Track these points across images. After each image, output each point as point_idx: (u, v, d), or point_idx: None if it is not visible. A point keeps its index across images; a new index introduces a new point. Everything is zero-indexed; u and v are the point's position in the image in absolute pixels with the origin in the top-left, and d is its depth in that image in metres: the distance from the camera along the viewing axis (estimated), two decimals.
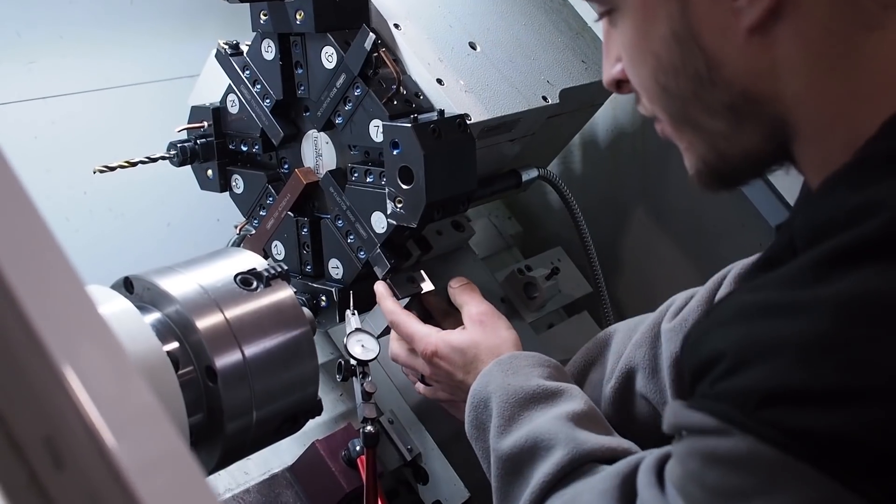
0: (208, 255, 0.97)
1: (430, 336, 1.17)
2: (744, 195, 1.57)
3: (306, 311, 1.00)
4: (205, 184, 1.37)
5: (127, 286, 0.92)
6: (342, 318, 1.25)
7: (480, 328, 1.17)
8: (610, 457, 0.95)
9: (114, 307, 0.84)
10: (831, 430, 0.59)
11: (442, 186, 1.10)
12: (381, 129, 1.13)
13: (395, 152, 1.10)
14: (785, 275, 0.67)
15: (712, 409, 0.65)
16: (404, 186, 1.10)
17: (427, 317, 1.30)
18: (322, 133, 1.24)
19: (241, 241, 1.48)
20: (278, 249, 1.32)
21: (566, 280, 1.61)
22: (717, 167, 0.82)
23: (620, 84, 0.87)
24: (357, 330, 1.17)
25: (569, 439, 0.97)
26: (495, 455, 1.02)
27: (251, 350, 0.91)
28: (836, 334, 0.61)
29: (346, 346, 1.14)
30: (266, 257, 1.35)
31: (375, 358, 1.15)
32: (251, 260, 0.96)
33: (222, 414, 0.89)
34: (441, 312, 1.28)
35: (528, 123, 1.29)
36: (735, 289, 0.80)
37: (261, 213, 1.33)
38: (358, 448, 1.22)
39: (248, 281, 0.93)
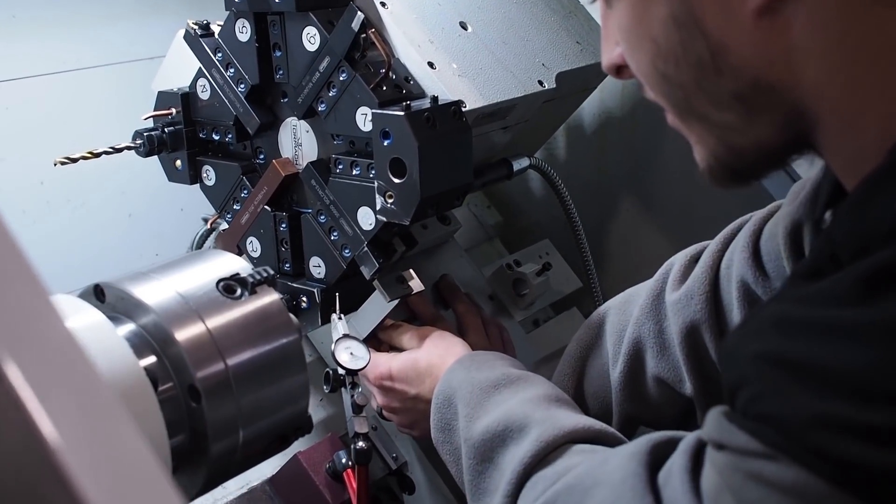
0: (186, 259, 0.89)
1: (380, 359, 1.15)
2: None
3: (291, 316, 0.92)
4: (173, 175, 1.29)
5: (98, 294, 0.84)
6: (325, 321, 1.18)
7: (428, 341, 1.15)
8: (591, 437, 0.91)
9: (84, 319, 0.76)
10: (883, 466, 0.56)
11: (437, 180, 1.03)
12: (369, 118, 1.05)
13: (385, 143, 1.02)
14: (827, 290, 0.61)
15: (757, 431, 0.61)
16: (396, 180, 1.03)
17: (412, 320, 1.23)
18: (302, 121, 1.16)
19: (207, 236, 1.40)
20: (254, 246, 1.24)
21: (556, 275, 1.54)
22: (729, 162, 0.76)
23: (620, 69, 0.81)
24: (345, 336, 1.09)
25: (545, 418, 0.93)
26: (466, 446, 0.97)
27: (236, 363, 0.83)
28: (886, 364, 0.57)
29: (333, 354, 1.06)
30: (240, 254, 1.27)
31: (366, 366, 1.07)
32: (234, 264, 0.88)
33: (206, 435, 0.81)
34: (430, 316, 1.21)
35: (523, 109, 1.22)
36: (775, 296, 0.74)
37: (234, 207, 1.24)
38: (344, 461, 1.15)
39: (231, 288, 0.85)
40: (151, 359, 0.80)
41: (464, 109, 1.07)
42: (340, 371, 1.06)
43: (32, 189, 1.50)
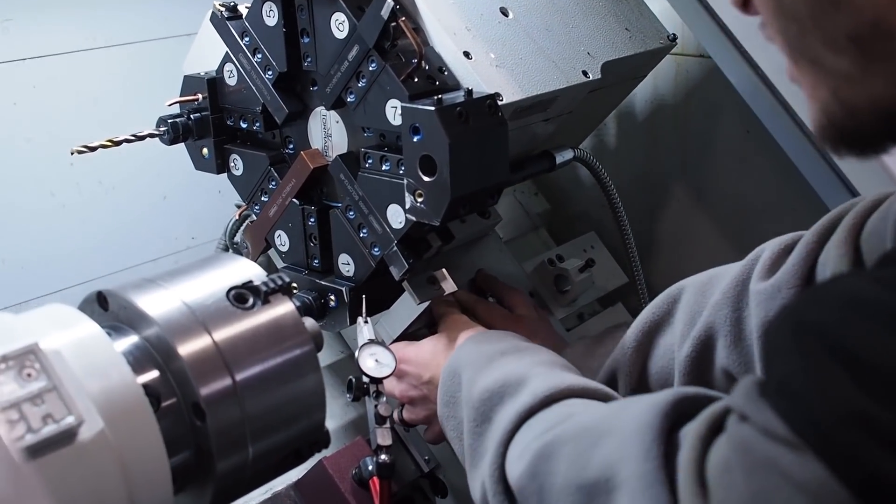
0: (198, 264, 0.85)
1: (396, 346, 1.12)
2: (795, 170, 1.44)
3: (310, 322, 0.87)
4: (200, 164, 1.25)
5: (101, 302, 0.80)
6: (353, 321, 1.13)
7: (447, 325, 1.12)
8: (591, 395, 0.87)
9: (77, 333, 0.72)
10: None
11: (469, 179, 0.97)
12: (399, 111, 1.00)
13: (415, 139, 0.97)
14: None
15: (788, 414, 0.55)
16: (426, 178, 0.97)
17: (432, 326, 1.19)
18: (332, 111, 1.11)
19: (240, 226, 1.36)
20: (282, 240, 1.19)
21: (600, 270, 1.48)
22: (841, 121, 0.67)
23: (747, 3, 0.73)
24: (370, 342, 1.04)
25: (545, 376, 0.89)
26: (467, 410, 0.94)
27: (245, 378, 0.78)
28: None
29: (356, 361, 1.02)
30: (268, 248, 1.22)
31: (391, 374, 1.02)
32: (247, 271, 0.83)
33: (212, 453, 0.77)
34: (440, 315, 1.16)
35: (566, 101, 1.15)
36: (857, 271, 0.66)
37: (263, 198, 1.20)
38: (370, 468, 1.10)
39: (242, 297, 0.80)
40: (153, 373, 0.76)
41: (500, 103, 1.01)
42: (364, 379, 1.01)
43: (61, 170, 1.48)
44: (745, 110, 1.48)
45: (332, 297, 1.14)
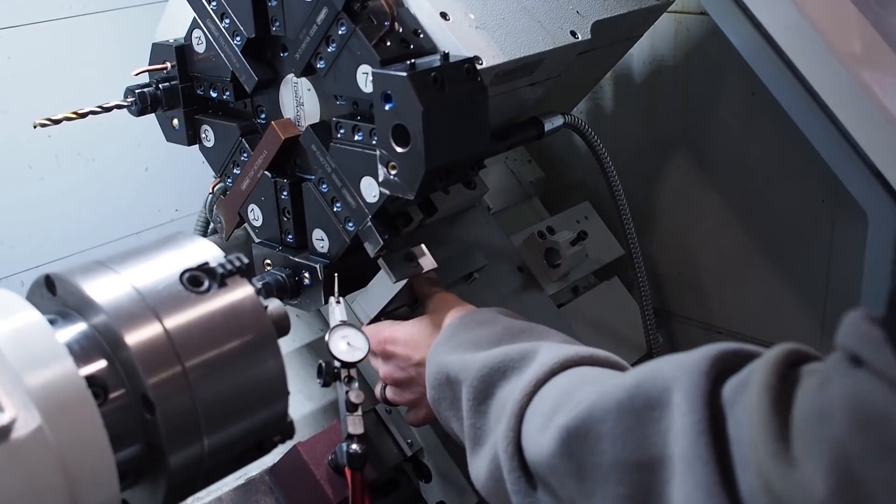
0: (153, 245, 0.80)
1: (382, 326, 1.08)
2: (802, 136, 1.39)
3: (274, 304, 0.82)
4: (171, 135, 1.20)
5: (49, 286, 0.75)
6: (328, 299, 1.09)
7: (435, 304, 1.08)
8: (600, 363, 0.85)
9: (16, 321, 0.67)
10: None
11: (445, 149, 0.92)
12: (370, 78, 0.94)
13: (387, 107, 0.92)
14: None
15: None
16: (399, 149, 0.92)
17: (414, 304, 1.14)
18: (303, 79, 1.05)
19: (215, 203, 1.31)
20: (255, 214, 1.15)
21: (594, 242, 1.43)
22: None
23: None
24: (342, 323, 1.00)
25: (551, 347, 0.86)
26: (465, 388, 0.90)
27: (197, 368, 0.73)
28: None
29: (327, 344, 0.97)
30: (242, 222, 1.18)
31: (364, 358, 0.98)
32: (204, 252, 0.78)
33: (163, 447, 0.73)
34: (422, 295, 1.11)
35: (553, 64, 1.10)
36: None
37: (235, 171, 1.15)
38: (345, 445, 1.06)
39: (197, 280, 0.75)
40: (100, 364, 0.72)
41: (479, 67, 0.96)
42: (335, 363, 0.97)
43: (39, 143, 1.44)
44: (750, 71, 1.42)
45: (307, 275, 1.09)
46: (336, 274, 1.05)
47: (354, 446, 0.94)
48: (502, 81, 1.04)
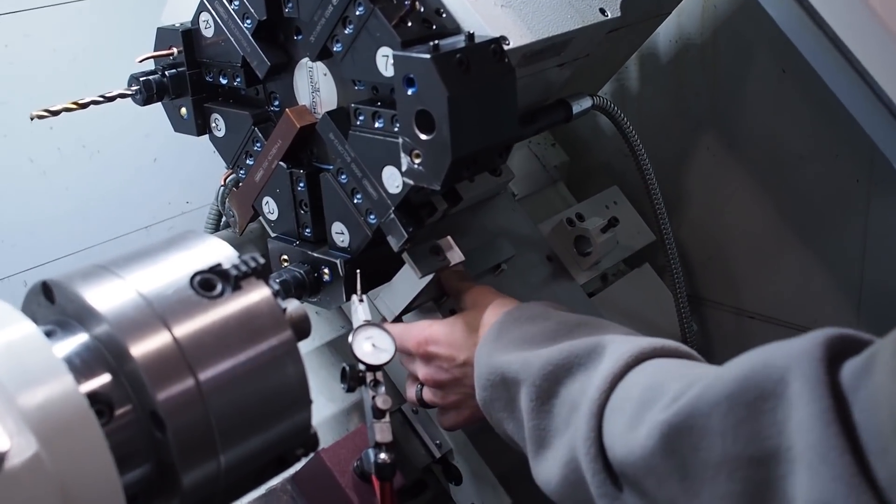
0: (160, 246, 0.74)
1: (418, 326, 1.02)
2: (840, 112, 1.32)
3: (293, 305, 0.76)
4: (179, 125, 1.15)
5: (47, 294, 0.69)
6: (350, 296, 1.03)
7: (479, 300, 1.03)
8: (672, 354, 0.82)
9: (8, 335, 0.61)
10: None
11: (473, 136, 0.86)
12: (390, 61, 0.88)
13: (409, 92, 0.86)
14: None
15: None
16: (423, 137, 0.86)
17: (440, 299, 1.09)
18: (318, 63, 1.00)
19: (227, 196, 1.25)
20: (270, 207, 1.09)
21: (624, 228, 1.38)
22: None
23: None
24: (366, 323, 0.94)
25: (619, 340, 0.83)
26: (525, 388, 0.86)
27: (210, 379, 0.68)
28: None
29: (350, 346, 0.91)
30: (256, 216, 1.12)
31: (391, 360, 0.92)
32: (216, 253, 0.72)
33: (175, 466, 0.67)
34: (454, 290, 1.05)
35: (582, 43, 1.04)
36: None
37: (248, 161, 1.09)
38: (373, 454, 1.00)
39: (209, 283, 0.70)
40: (105, 378, 0.66)
41: (506, 48, 0.90)
42: (360, 366, 0.91)
43: (41, 135, 1.39)
44: (780, 48, 1.36)
45: (326, 271, 1.03)
46: (358, 271, 0.99)
47: (383, 455, 0.88)
48: (529, 63, 0.98)
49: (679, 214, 1.56)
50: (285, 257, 1.08)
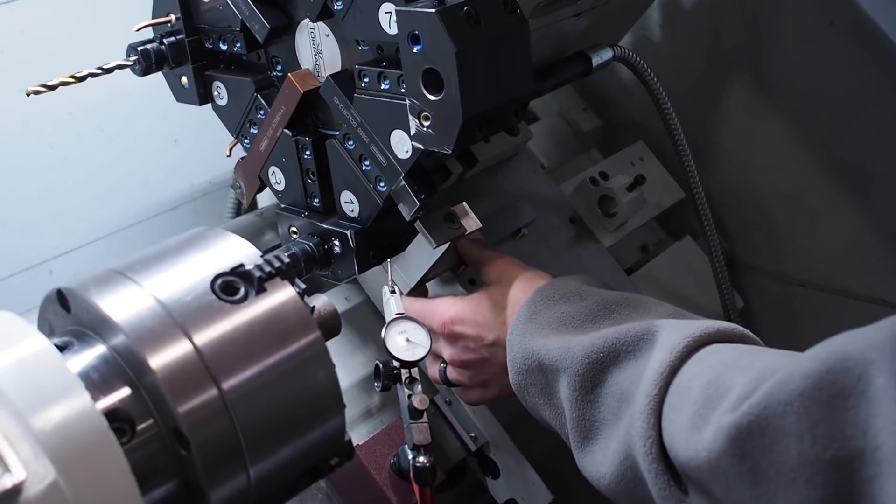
0: (177, 246, 0.70)
1: (442, 304, 0.98)
2: (891, 68, 1.25)
3: (321, 301, 0.73)
4: (180, 95, 1.11)
5: (62, 302, 0.66)
6: (362, 268, 1.00)
7: (505, 273, 0.98)
8: (727, 338, 0.78)
9: (19, 352, 0.58)
10: None
11: (484, 94, 0.82)
12: (394, 17, 0.84)
13: (415, 49, 0.82)
14: None
15: None
16: (431, 97, 0.82)
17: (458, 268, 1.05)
18: (319, 23, 0.96)
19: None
20: (277, 177, 1.06)
21: (652, 185, 1.33)
22: None
23: None
24: (399, 317, 0.90)
25: (670, 326, 0.79)
26: (566, 377, 0.83)
27: (236, 389, 0.64)
28: None
29: (383, 342, 0.88)
30: (263, 187, 1.09)
31: (426, 356, 0.89)
32: (237, 252, 0.68)
33: (201, 484, 0.64)
34: (475, 261, 1.01)
35: None
36: None
37: (252, 130, 1.06)
38: (411, 456, 0.97)
39: (231, 287, 0.66)
40: (123, 392, 0.63)
41: None
42: (394, 363, 0.88)
43: (59, 121, 1.39)
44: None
45: (337, 242, 1.00)
46: (389, 261, 0.96)
47: (422, 459, 0.85)
48: (543, 13, 0.94)
49: (717, 175, 1.50)
50: (294, 229, 1.05)
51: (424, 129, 0.84)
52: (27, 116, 1.34)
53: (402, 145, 0.90)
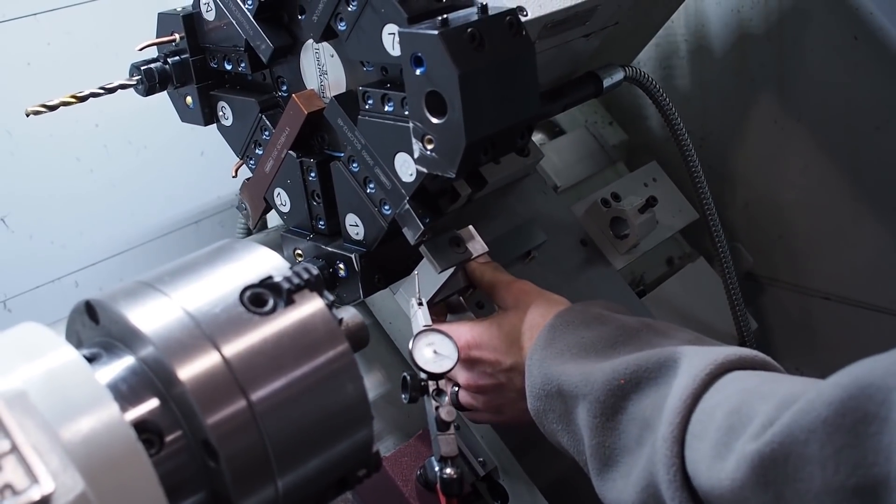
0: (206, 258, 0.70)
1: (457, 330, 0.96)
2: None
3: (349, 313, 0.72)
4: (185, 115, 1.11)
5: (91, 313, 0.66)
6: (368, 292, 0.99)
7: (522, 299, 0.96)
8: (749, 365, 0.77)
9: (48, 363, 0.58)
10: None
11: (489, 117, 0.81)
12: (397, 38, 0.83)
13: (418, 71, 0.81)
14: None
15: None
16: (434, 120, 0.81)
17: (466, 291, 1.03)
18: (324, 44, 0.95)
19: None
20: (282, 199, 1.05)
21: (665, 206, 1.31)
22: None
23: None
24: (427, 329, 0.89)
25: (692, 352, 0.78)
26: (587, 403, 0.81)
27: (265, 400, 0.64)
28: None
29: (410, 354, 0.87)
30: (268, 209, 1.08)
31: (454, 367, 0.88)
32: (266, 264, 0.68)
33: (230, 496, 0.64)
34: (488, 284, 1.00)
35: (609, 11, 0.98)
36: None
37: (257, 151, 1.05)
38: (437, 469, 0.95)
39: (260, 298, 0.65)
40: (152, 403, 0.63)
41: (524, 19, 0.85)
42: (421, 375, 0.87)
43: (86, 133, 1.40)
44: (851, 14, 1.28)
45: (342, 266, 0.99)
46: (416, 272, 0.95)
47: (449, 470, 0.84)
48: (552, 34, 0.93)
49: (742, 189, 1.48)
50: (299, 251, 1.04)
51: (428, 152, 0.83)
52: (54, 128, 1.34)
53: (406, 168, 0.89)
